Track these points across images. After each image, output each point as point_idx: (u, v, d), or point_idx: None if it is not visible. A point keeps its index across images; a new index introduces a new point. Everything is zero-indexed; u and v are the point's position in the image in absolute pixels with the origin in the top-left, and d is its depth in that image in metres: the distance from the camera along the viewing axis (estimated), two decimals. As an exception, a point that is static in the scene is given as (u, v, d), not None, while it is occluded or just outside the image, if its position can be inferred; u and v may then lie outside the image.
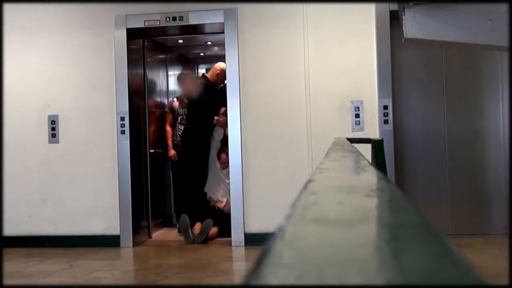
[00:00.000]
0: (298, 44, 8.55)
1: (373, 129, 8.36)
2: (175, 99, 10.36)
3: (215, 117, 9.56)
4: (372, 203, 1.05)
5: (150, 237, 9.49)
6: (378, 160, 4.36)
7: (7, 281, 7.11)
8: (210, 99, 9.47)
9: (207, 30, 9.47)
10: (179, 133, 9.97)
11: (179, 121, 10.04)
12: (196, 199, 9.55)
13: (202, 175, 9.63)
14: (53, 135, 9.06)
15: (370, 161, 4.09)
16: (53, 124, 9.05)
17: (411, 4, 4.22)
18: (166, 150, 9.99)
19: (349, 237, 0.73)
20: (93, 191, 8.97)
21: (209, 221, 9.06)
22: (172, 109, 10.13)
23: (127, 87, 8.91)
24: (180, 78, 10.53)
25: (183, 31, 9.55)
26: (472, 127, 8.64)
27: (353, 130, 8.37)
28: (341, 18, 8.47)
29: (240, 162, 8.63)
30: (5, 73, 9.12)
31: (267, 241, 0.68)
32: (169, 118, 10.08)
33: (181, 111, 10.07)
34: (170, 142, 9.99)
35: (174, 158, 9.92)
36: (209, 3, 8.72)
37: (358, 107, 8.41)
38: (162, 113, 10.20)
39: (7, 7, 9.11)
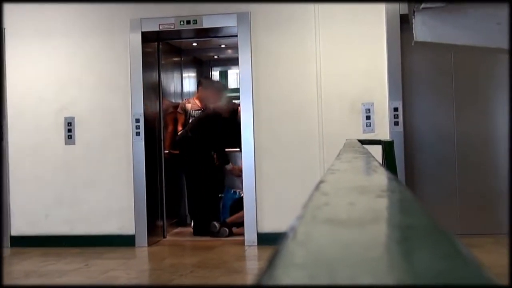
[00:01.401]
0: (310, 47, 8.55)
1: (383, 130, 8.35)
2: (188, 101, 10.39)
3: (231, 165, 9.68)
4: (382, 204, 1.04)
5: (164, 236, 9.49)
6: (389, 161, 4.36)
7: (25, 280, 7.13)
8: (225, 127, 9.53)
9: (220, 33, 9.48)
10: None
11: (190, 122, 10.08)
12: (211, 198, 9.64)
13: (213, 176, 9.70)
14: (69, 137, 9.07)
15: (381, 162, 4.08)
16: (69, 126, 9.07)
17: (421, 7, 4.22)
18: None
19: (360, 237, 0.73)
20: (109, 192, 8.98)
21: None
22: (184, 110, 10.14)
23: (142, 90, 8.93)
24: (202, 84, 10.59)
25: (197, 34, 9.56)
26: (481, 129, 8.62)
27: (364, 131, 8.36)
28: (352, 22, 8.46)
29: (253, 163, 8.63)
30: (23, 76, 9.16)
31: (280, 241, 0.68)
32: (181, 119, 10.10)
33: (193, 113, 10.10)
34: None
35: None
36: (223, 3, 8.73)
37: (369, 109, 8.40)
38: (175, 114, 10.20)
39: (25, 11, 9.16)
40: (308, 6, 8.53)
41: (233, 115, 9.44)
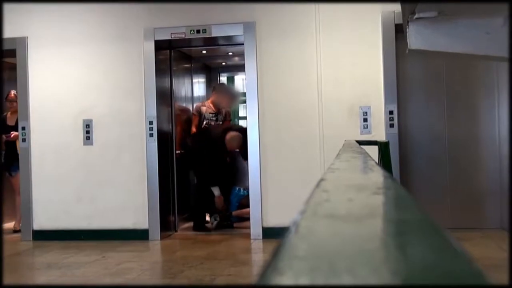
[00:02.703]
0: (311, 54, 8.54)
1: (379, 132, 8.34)
2: (203, 103, 10.36)
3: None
4: (379, 200, 1.04)
5: (176, 231, 9.50)
6: (384, 161, 4.35)
7: (47, 271, 7.14)
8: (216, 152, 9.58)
9: (228, 41, 9.48)
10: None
11: (204, 124, 10.06)
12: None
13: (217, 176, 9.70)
14: (88, 138, 9.09)
15: (377, 161, 4.08)
16: (88, 128, 9.09)
17: (414, 17, 4.21)
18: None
19: (358, 231, 0.73)
20: (124, 189, 8.99)
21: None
22: (199, 112, 10.12)
23: (155, 94, 8.94)
24: (216, 89, 10.58)
25: (206, 42, 9.56)
26: (470, 131, 8.62)
27: (361, 133, 8.36)
28: (350, 31, 8.45)
29: (259, 163, 8.63)
30: (45, 82, 9.18)
31: (283, 235, 0.68)
32: (195, 120, 10.07)
33: (207, 115, 10.09)
34: None
35: None
36: (228, 3, 8.75)
37: (366, 112, 8.40)
38: (188, 117, 10.22)
39: (47, 21, 9.18)
40: (309, 17, 8.54)
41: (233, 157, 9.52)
